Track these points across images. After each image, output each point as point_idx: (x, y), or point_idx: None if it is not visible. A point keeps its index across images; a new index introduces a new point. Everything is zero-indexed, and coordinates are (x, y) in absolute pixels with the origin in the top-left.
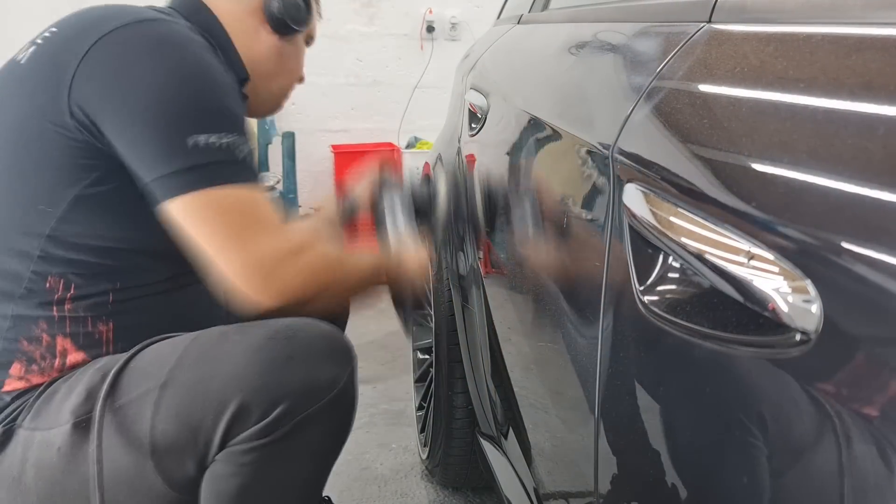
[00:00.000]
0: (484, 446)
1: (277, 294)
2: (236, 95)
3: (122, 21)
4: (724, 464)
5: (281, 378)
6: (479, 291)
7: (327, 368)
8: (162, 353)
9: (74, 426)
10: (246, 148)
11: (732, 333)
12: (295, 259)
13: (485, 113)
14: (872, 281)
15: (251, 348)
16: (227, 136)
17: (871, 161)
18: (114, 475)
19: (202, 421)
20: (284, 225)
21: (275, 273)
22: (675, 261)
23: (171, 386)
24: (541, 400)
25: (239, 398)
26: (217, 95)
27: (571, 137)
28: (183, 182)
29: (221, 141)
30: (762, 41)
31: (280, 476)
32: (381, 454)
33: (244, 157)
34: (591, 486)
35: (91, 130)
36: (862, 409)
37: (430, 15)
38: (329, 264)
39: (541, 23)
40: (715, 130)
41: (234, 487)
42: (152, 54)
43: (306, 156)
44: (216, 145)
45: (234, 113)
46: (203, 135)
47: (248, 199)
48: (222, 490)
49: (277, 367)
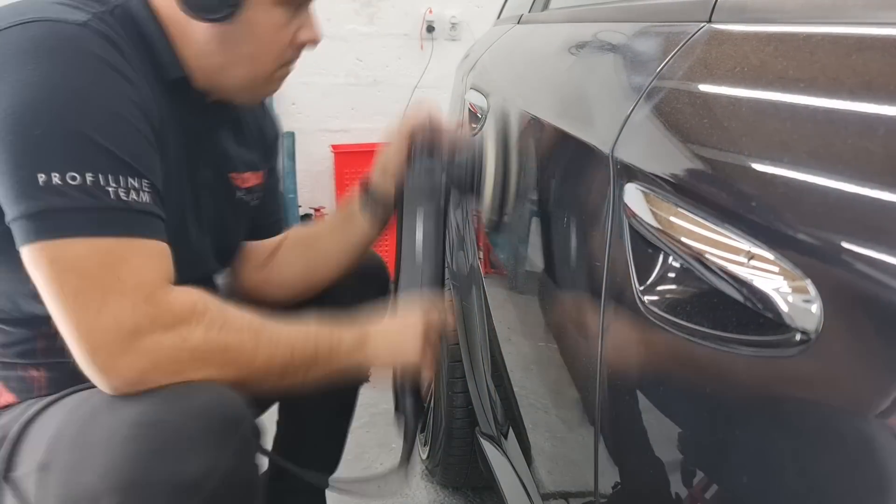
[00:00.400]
0: (484, 446)
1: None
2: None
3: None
4: (725, 464)
5: (150, 477)
6: (479, 291)
7: (199, 459)
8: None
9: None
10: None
11: (732, 333)
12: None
13: (485, 113)
14: (872, 281)
15: (118, 438)
16: (90, 175)
17: (871, 161)
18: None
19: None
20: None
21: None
22: (675, 261)
23: (49, 469)
24: (541, 400)
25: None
26: (87, 122)
27: (571, 137)
28: (27, 230)
29: (80, 181)
30: (762, 41)
31: None
32: (381, 454)
33: (117, 199)
34: (591, 486)
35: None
36: (862, 409)
37: (430, 15)
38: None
39: (541, 23)
40: (715, 130)
41: None
42: (18, 69)
43: (306, 156)
44: (75, 186)
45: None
46: (54, 173)
47: (102, 256)
48: None
49: (143, 462)
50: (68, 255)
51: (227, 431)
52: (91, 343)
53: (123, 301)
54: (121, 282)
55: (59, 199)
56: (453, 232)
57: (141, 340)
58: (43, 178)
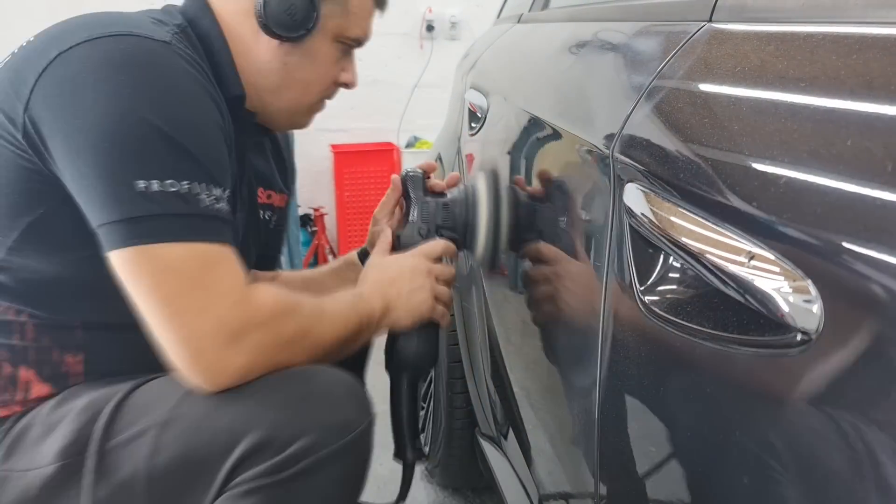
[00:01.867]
0: (484, 446)
1: (215, 377)
2: (212, 130)
3: (90, 34)
4: (725, 464)
5: (298, 415)
6: (479, 291)
7: (345, 412)
8: (164, 391)
9: (61, 468)
10: (214, 195)
11: (733, 333)
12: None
13: (485, 112)
14: (873, 281)
15: (266, 386)
16: (186, 183)
17: (871, 161)
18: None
19: (207, 457)
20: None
21: (215, 353)
22: (676, 261)
23: (173, 424)
24: (541, 400)
25: (252, 433)
26: (180, 132)
27: (572, 137)
28: (123, 234)
29: (178, 188)
30: (762, 40)
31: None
32: (382, 454)
33: (207, 206)
34: (591, 487)
35: (41, 154)
36: (862, 408)
37: (429, 14)
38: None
39: (541, 22)
40: (715, 130)
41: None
42: (110, 79)
43: (306, 155)
44: (172, 193)
45: (200, 153)
46: (154, 180)
47: (199, 260)
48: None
49: (294, 404)
50: (168, 258)
51: (365, 403)
52: (196, 344)
53: (224, 301)
54: (219, 283)
55: (158, 205)
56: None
57: (244, 338)
58: (142, 184)
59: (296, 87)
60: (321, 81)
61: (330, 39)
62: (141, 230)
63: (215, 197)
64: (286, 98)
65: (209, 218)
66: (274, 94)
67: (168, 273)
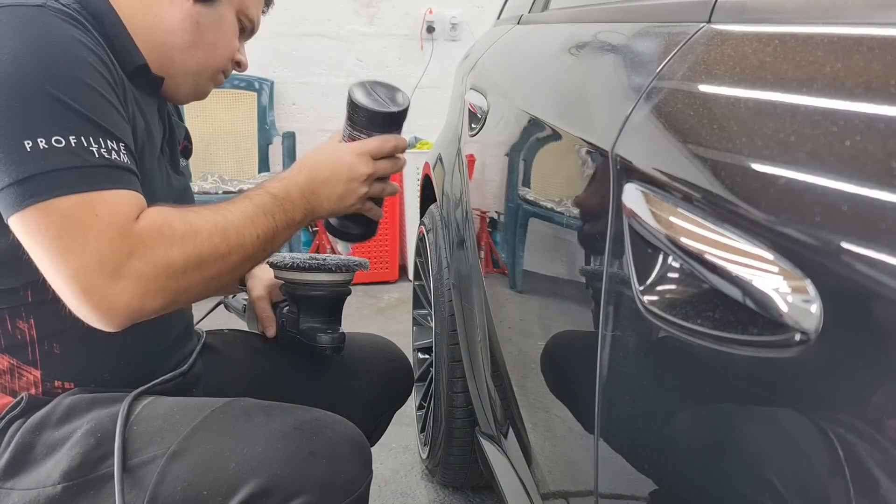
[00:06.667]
0: (484, 446)
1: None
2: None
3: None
4: (724, 464)
5: (303, 471)
6: (479, 291)
7: (349, 471)
8: (173, 418)
9: (65, 490)
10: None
11: (732, 333)
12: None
13: (485, 113)
14: (872, 281)
15: (276, 434)
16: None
17: (871, 161)
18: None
19: (207, 499)
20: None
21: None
22: (675, 261)
23: (182, 456)
24: (541, 400)
25: (256, 481)
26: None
27: (571, 137)
28: (20, 195)
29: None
30: (762, 41)
31: None
32: (382, 454)
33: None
34: (592, 486)
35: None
36: (862, 409)
37: (430, 15)
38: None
39: (541, 23)
40: (715, 131)
41: None
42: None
43: None
44: (61, 148)
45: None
46: (40, 139)
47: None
48: None
49: (301, 459)
50: (61, 209)
51: (367, 462)
52: (83, 282)
53: (102, 237)
54: (100, 221)
55: (47, 161)
56: (453, 232)
57: (124, 271)
58: (29, 143)
59: (205, 48)
60: (226, 48)
61: (234, 12)
62: (33, 188)
63: (112, 149)
64: (196, 58)
65: (103, 167)
66: (186, 54)
67: (56, 221)
